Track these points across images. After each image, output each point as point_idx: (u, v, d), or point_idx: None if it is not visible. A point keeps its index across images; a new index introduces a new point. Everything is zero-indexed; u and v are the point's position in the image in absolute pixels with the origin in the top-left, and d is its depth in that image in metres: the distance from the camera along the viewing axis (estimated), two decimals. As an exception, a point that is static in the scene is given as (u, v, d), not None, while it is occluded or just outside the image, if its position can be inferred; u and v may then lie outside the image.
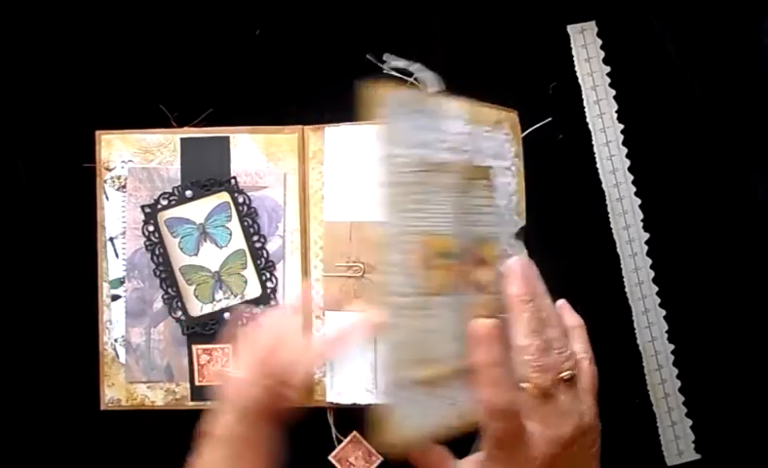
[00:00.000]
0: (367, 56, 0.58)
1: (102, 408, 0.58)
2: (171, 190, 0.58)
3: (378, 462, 0.59)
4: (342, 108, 0.58)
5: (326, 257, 0.57)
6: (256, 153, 0.58)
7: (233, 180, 0.58)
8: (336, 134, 0.57)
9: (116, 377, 0.58)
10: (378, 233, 0.38)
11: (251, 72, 0.61)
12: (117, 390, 0.58)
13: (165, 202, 0.58)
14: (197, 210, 0.58)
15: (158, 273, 0.57)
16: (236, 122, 0.58)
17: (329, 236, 0.57)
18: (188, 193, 0.58)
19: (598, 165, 0.60)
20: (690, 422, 0.60)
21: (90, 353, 0.58)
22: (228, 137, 0.58)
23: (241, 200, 0.58)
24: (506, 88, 0.57)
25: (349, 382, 0.57)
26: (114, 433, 0.59)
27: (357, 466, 0.59)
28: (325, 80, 0.61)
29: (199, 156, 0.58)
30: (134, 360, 0.58)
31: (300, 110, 0.59)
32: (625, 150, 0.60)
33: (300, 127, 0.58)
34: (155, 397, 0.58)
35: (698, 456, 0.59)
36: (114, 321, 0.58)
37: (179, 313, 0.58)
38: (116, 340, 0.58)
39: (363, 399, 0.56)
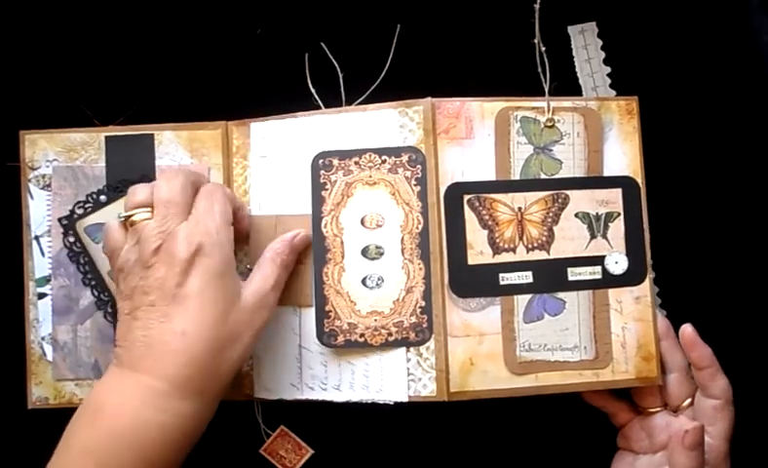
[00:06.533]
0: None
1: (30, 406, 0.58)
2: (84, 198, 0.57)
3: (309, 455, 0.59)
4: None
5: (252, 251, 0.57)
6: (180, 150, 0.58)
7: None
8: (262, 129, 0.58)
9: (43, 376, 0.58)
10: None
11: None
12: (44, 388, 0.58)
13: (80, 211, 0.57)
14: (116, 212, 0.57)
15: (87, 281, 0.57)
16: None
17: (255, 230, 0.57)
18: (102, 198, 0.57)
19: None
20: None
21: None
22: (152, 135, 0.58)
23: (166, 196, 0.58)
24: (506, 88, 0.57)
25: (275, 377, 0.57)
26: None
27: (288, 458, 0.59)
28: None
29: (124, 154, 0.58)
30: (61, 357, 0.58)
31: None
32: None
33: (224, 123, 0.58)
34: (83, 394, 0.58)
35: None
36: (41, 319, 0.58)
37: (109, 311, 0.58)
38: (43, 338, 0.58)
39: (288, 394, 0.56)
